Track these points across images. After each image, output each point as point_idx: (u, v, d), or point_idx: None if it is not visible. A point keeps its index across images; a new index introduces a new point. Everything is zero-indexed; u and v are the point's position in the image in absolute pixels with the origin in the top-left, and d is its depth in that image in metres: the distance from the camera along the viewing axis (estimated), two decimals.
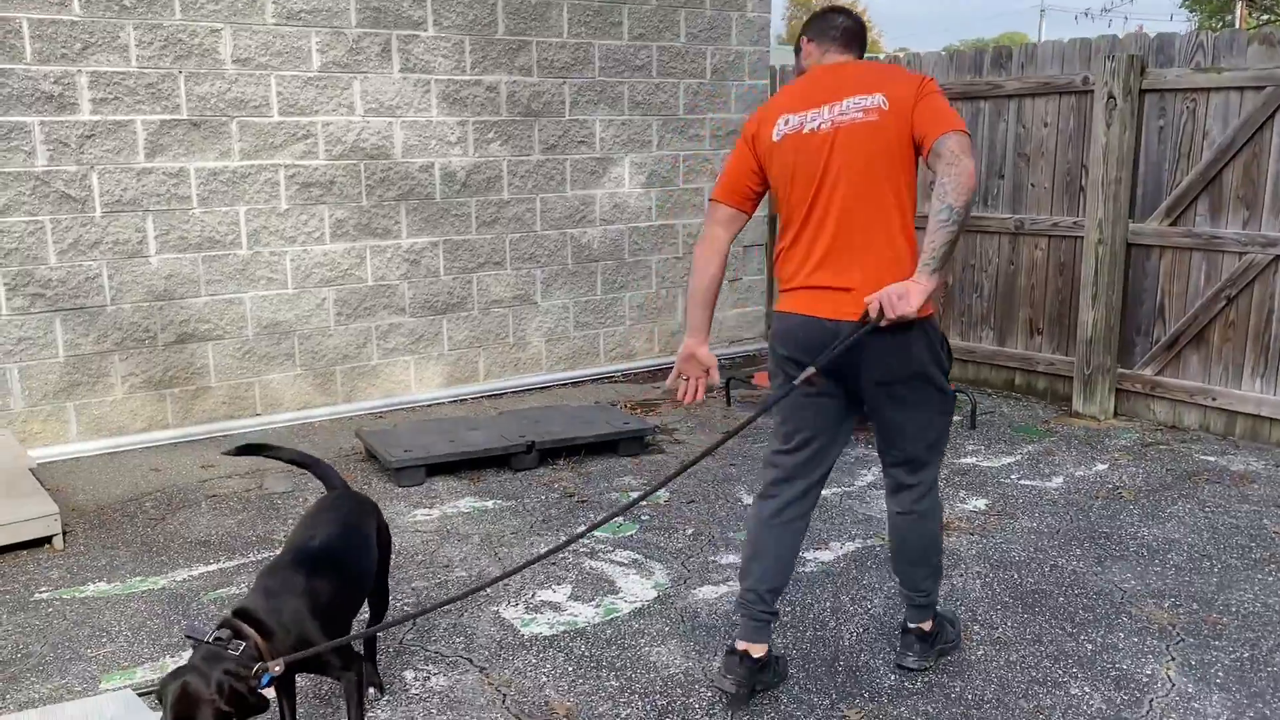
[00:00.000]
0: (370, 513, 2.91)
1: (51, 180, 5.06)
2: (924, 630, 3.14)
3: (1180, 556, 3.96)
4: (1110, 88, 5.56)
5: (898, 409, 2.90)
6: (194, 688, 2.19)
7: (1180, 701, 2.97)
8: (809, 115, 2.87)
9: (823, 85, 2.91)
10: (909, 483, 3.01)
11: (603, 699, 3.00)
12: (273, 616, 2.37)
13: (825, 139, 2.83)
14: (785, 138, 2.88)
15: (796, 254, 2.91)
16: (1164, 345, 5.66)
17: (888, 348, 2.78)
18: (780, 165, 2.90)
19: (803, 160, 2.85)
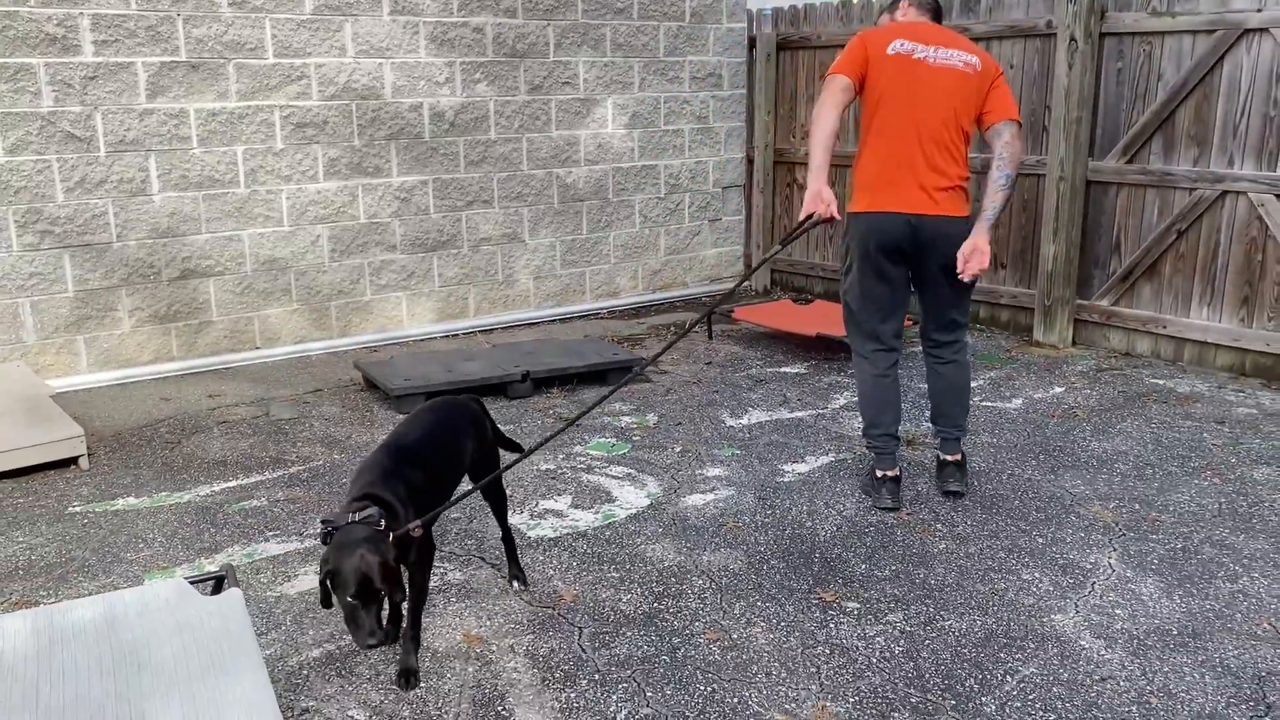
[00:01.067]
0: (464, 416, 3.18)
1: (57, 121, 5.24)
2: (959, 460, 4.06)
3: (1126, 466, 4.33)
4: (1072, 31, 5.84)
5: (950, 286, 3.80)
6: (369, 556, 2.48)
7: (1119, 584, 3.33)
8: (919, 47, 3.68)
9: (933, 33, 3.76)
10: (951, 340, 3.95)
11: (605, 587, 3.33)
12: (391, 495, 2.68)
13: (929, 69, 3.66)
14: (898, 55, 3.67)
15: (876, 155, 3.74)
16: (1119, 277, 6.00)
17: (952, 245, 3.69)
18: (884, 74, 3.67)
19: (905, 77, 3.66)
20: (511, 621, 3.13)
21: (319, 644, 3.01)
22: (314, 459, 4.49)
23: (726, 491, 4.09)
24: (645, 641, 3.01)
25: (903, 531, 3.72)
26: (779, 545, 3.63)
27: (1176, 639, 3.00)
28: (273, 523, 3.84)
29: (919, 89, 3.66)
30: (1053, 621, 3.10)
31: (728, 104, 7.75)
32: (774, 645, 2.99)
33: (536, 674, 2.85)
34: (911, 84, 3.65)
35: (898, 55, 3.67)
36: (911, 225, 3.69)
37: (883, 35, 3.75)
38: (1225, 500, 3.97)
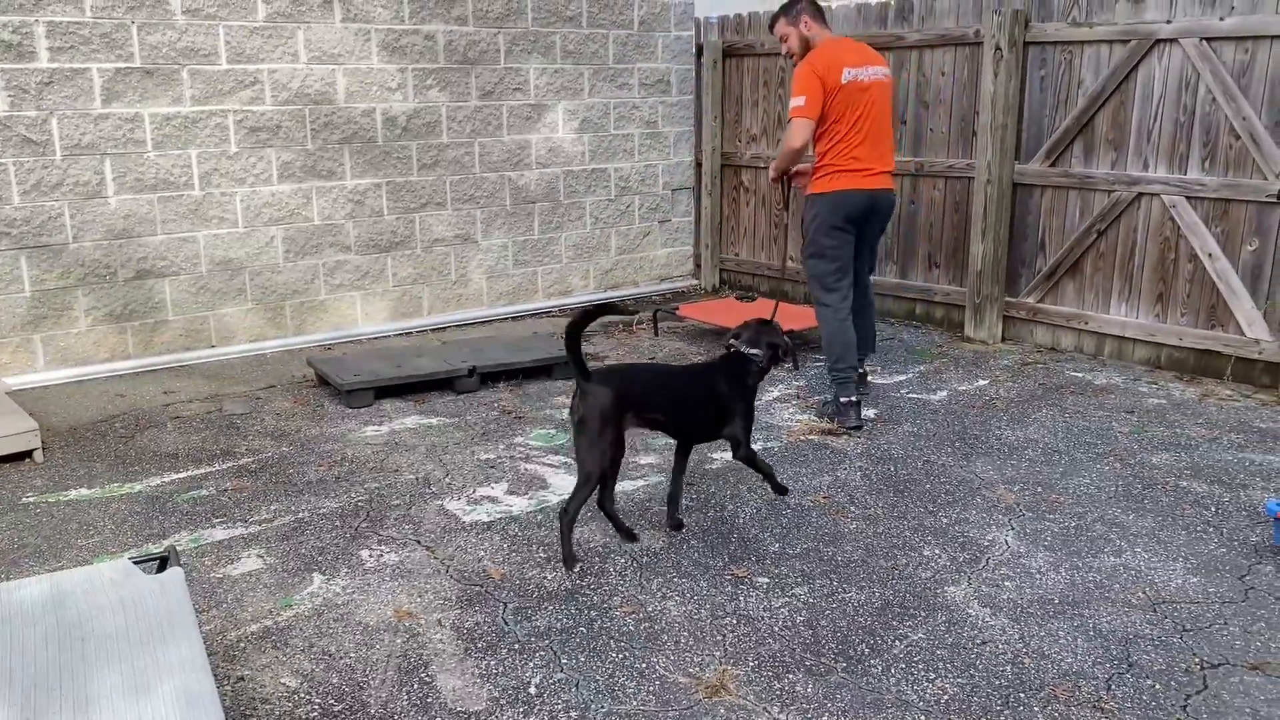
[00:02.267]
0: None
1: (13, 125, 5.38)
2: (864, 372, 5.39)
3: (1035, 452, 4.59)
4: (997, 40, 6.11)
5: (876, 239, 5.20)
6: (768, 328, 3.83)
7: (1012, 559, 3.58)
8: (859, 71, 4.79)
9: (855, 51, 4.89)
10: (870, 281, 5.30)
11: (532, 567, 3.53)
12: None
13: (867, 86, 4.82)
14: (850, 82, 4.77)
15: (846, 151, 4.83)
16: (1044, 275, 6.27)
17: (889, 211, 5.09)
18: (840, 100, 4.76)
19: (855, 99, 4.79)
20: (440, 598, 3.32)
21: (257, 620, 3.20)
22: (263, 451, 4.66)
23: (656, 478, 4.31)
24: (565, 615, 3.22)
25: (817, 513, 3.95)
26: (700, 526, 3.84)
27: (1057, 607, 3.24)
28: (219, 510, 4.02)
29: (865, 103, 4.82)
30: (945, 593, 3.33)
31: (676, 109, 7.98)
32: (685, 617, 3.20)
33: (460, 644, 3.05)
34: (860, 102, 4.81)
35: (849, 83, 4.77)
36: (872, 198, 4.92)
37: (830, 65, 4.76)
38: (1122, 483, 4.22)
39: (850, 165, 4.84)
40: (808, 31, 4.95)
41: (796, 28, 4.97)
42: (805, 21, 4.95)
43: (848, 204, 4.87)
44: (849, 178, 4.85)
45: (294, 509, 4.03)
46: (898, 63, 6.82)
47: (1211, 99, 5.45)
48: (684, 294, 8.10)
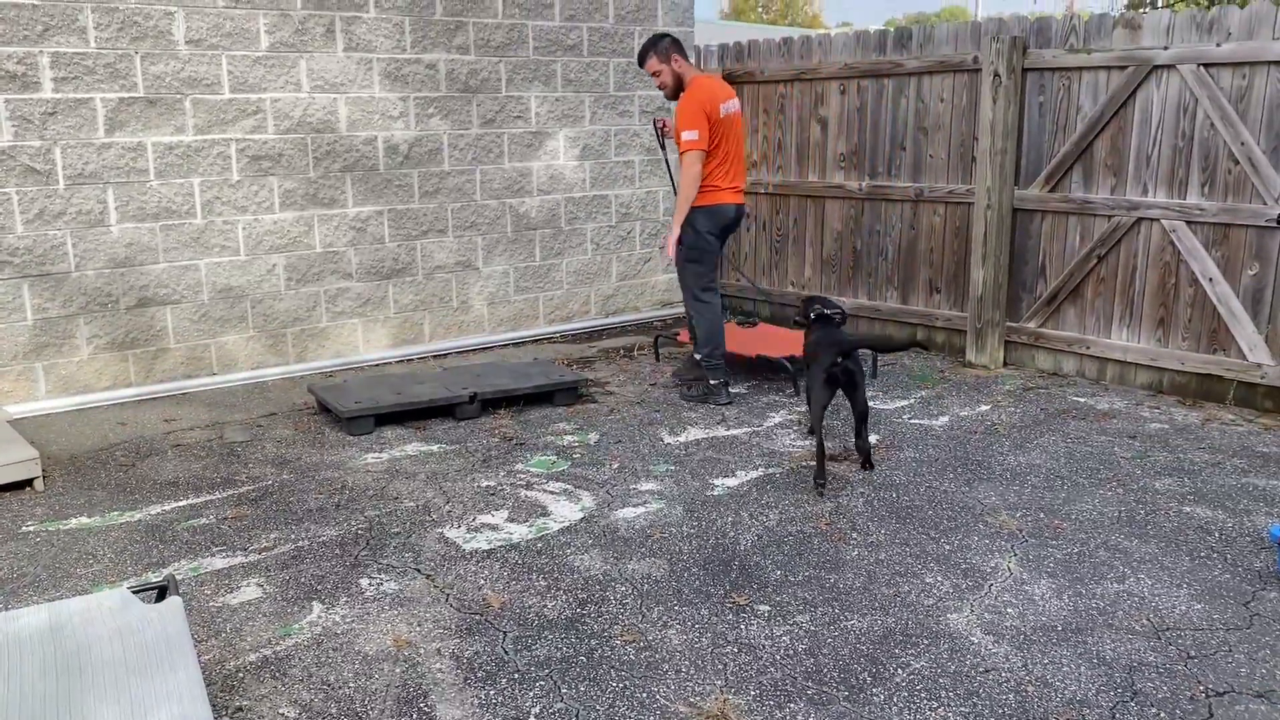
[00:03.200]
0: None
1: (17, 155, 5.41)
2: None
3: (1038, 478, 4.57)
4: (996, 66, 6.14)
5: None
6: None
7: (1014, 585, 3.56)
8: (725, 104, 5.52)
9: (720, 86, 5.64)
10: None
11: (532, 595, 3.52)
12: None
13: (734, 117, 5.60)
14: (727, 115, 5.52)
15: (723, 173, 5.55)
16: (1045, 300, 6.28)
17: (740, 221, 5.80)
18: (719, 130, 5.47)
19: (728, 129, 5.54)
20: (440, 627, 3.31)
21: (256, 649, 3.18)
22: (264, 479, 4.66)
23: (657, 505, 4.30)
24: (565, 644, 3.20)
25: (819, 540, 3.94)
26: (701, 554, 3.83)
27: (1060, 634, 3.22)
28: (219, 539, 4.01)
29: (733, 132, 5.59)
30: (948, 620, 3.31)
31: None
32: (686, 645, 3.18)
33: (459, 674, 3.03)
34: (731, 132, 5.57)
35: (727, 115, 5.52)
36: (738, 210, 5.69)
37: (711, 100, 5.44)
38: (1125, 509, 4.21)
39: (724, 184, 5.56)
40: (678, 68, 5.56)
41: (668, 65, 5.53)
42: (675, 59, 5.54)
43: (723, 216, 5.61)
44: (724, 194, 5.58)
45: (294, 537, 4.02)
46: (897, 89, 6.86)
47: (1210, 124, 5.47)
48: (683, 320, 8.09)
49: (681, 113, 5.44)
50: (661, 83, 5.59)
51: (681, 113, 5.44)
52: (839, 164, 7.31)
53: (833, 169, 7.37)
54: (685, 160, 5.44)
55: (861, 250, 7.26)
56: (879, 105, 6.99)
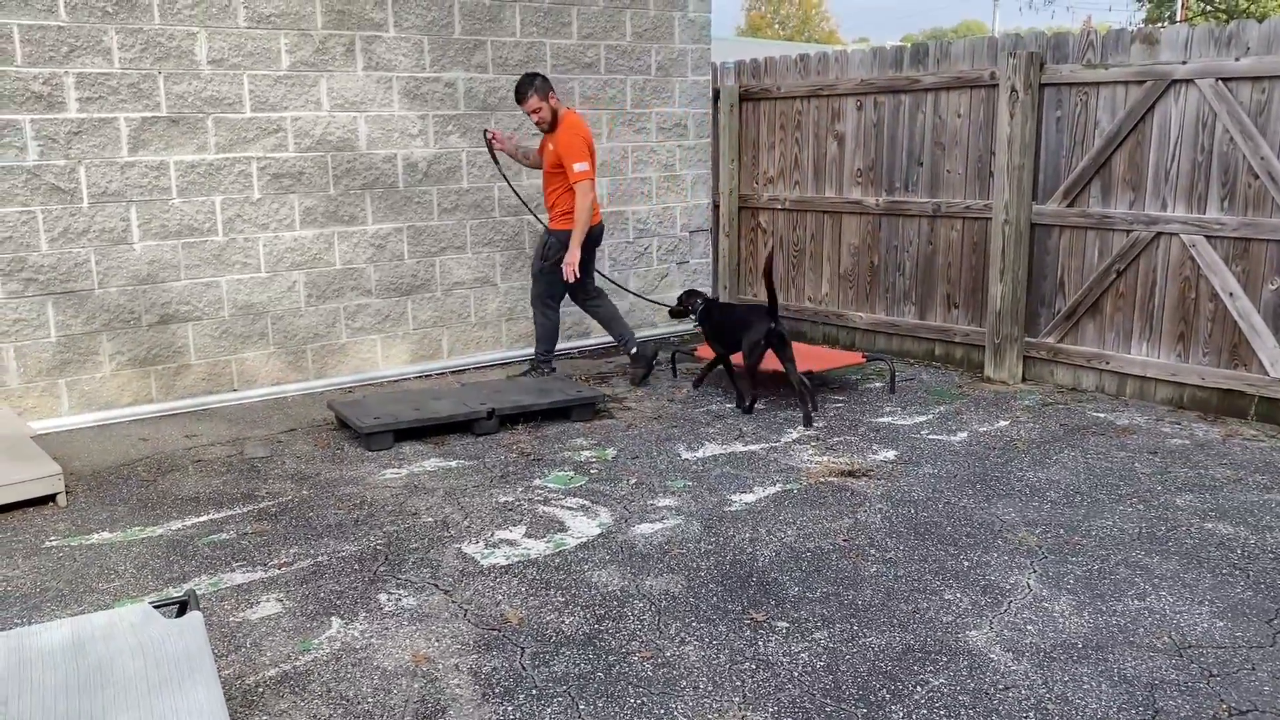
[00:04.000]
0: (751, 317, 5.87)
1: (42, 174, 5.48)
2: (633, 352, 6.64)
3: (1057, 494, 4.55)
4: (1013, 82, 6.15)
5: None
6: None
7: (1034, 602, 3.54)
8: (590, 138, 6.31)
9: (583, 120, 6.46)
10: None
11: (550, 610, 3.52)
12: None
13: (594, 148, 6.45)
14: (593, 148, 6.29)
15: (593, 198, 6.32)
16: (1064, 315, 6.25)
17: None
18: (594, 158, 6.23)
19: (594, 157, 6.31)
20: (459, 642, 3.32)
21: (275, 664, 3.20)
22: (283, 494, 4.68)
23: (675, 520, 4.30)
24: (583, 660, 3.20)
25: (837, 556, 3.93)
26: (719, 570, 3.83)
27: (1080, 652, 3.20)
28: (239, 554, 4.03)
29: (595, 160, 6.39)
30: (967, 637, 3.30)
31: (693, 152, 8.05)
32: (704, 662, 3.18)
33: (478, 690, 3.04)
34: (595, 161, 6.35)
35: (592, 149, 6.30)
36: (601, 228, 6.55)
37: (587, 133, 6.25)
38: (1146, 525, 4.18)
39: (591, 207, 6.23)
40: (554, 104, 6.16)
41: (546, 101, 6.10)
42: (551, 96, 6.12)
43: (594, 235, 6.39)
44: (594, 216, 6.32)
45: (313, 552, 4.04)
46: (914, 105, 6.87)
47: (1229, 138, 5.45)
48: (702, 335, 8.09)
49: (569, 146, 6.07)
50: (541, 118, 6.14)
51: (569, 146, 6.07)
52: (856, 180, 7.32)
53: (850, 184, 7.38)
54: (580, 189, 6.10)
55: (879, 266, 7.25)
56: (896, 121, 7.00)
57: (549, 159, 6.27)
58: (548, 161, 6.29)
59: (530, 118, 6.22)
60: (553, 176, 6.30)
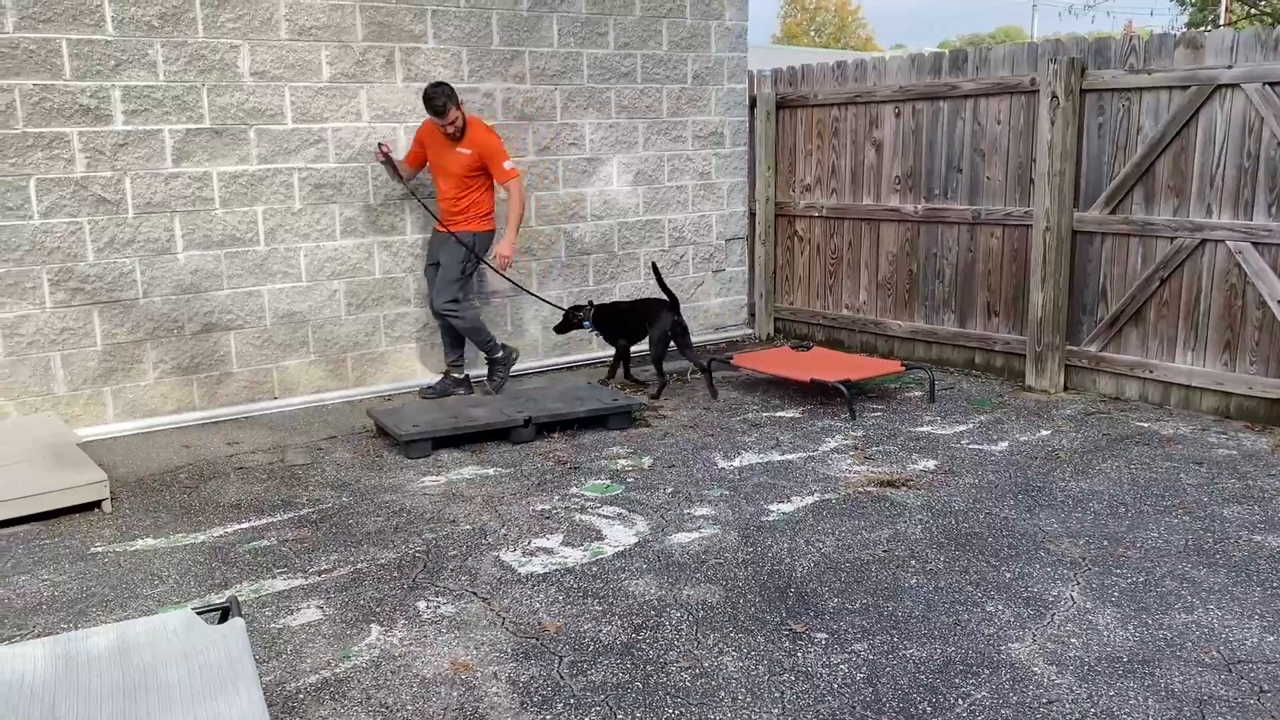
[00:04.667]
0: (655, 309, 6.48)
1: (89, 185, 5.58)
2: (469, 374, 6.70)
3: (1101, 505, 4.48)
4: (1054, 88, 6.08)
5: None
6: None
7: (1078, 615, 3.49)
8: None
9: None
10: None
11: (587, 619, 3.52)
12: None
13: None
14: None
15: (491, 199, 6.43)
16: (1106, 323, 6.17)
17: None
18: None
19: None
20: (497, 651, 3.32)
21: (315, 671, 3.22)
22: (323, 501, 4.72)
23: (712, 530, 4.28)
24: (621, 669, 3.19)
25: (877, 568, 3.90)
26: (757, 580, 3.81)
27: (1126, 666, 3.15)
28: (280, 561, 4.07)
29: None
30: (1009, 650, 3.26)
31: (729, 160, 8.04)
32: (742, 672, 3.16)
33: (516, 698, 3.04)
34: None
35: None
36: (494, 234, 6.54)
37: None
38: (1192, 537, 4.11)
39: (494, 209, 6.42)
40: (463, 111, 6.19)
41: (461, 110, 6.11)
42: (461, 104, 6.13)
43: (485, 242, 6.43)
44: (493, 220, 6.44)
45: (353, 559, 4.07)
46: (953, 111, 6.82)
47: (1276, 143, 5.36)
48: (738, 343, 8.10)
49: (494, 148, 6.16)
50: (457, 127, 6.07)
51: (494, 148, 6.16)
52: (894, 187, 7.27)
53: (888, 192, 7.34)
54: (516, 185, 6.21)
55: (918, 273, 7.20)
56: (934, 128, 6.95)
57: (461, 164, 6.16)
58: (458, 167, 6.17)
59: (447, 129, 6.06)
60: (465, 181, 6.22)
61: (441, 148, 6.20)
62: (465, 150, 6.14)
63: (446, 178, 6.25)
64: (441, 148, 6.20)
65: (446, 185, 6.28)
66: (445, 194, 6.30)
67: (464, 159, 6.16)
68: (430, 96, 5.98)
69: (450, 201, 6.29)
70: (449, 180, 6.25)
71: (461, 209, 6.29)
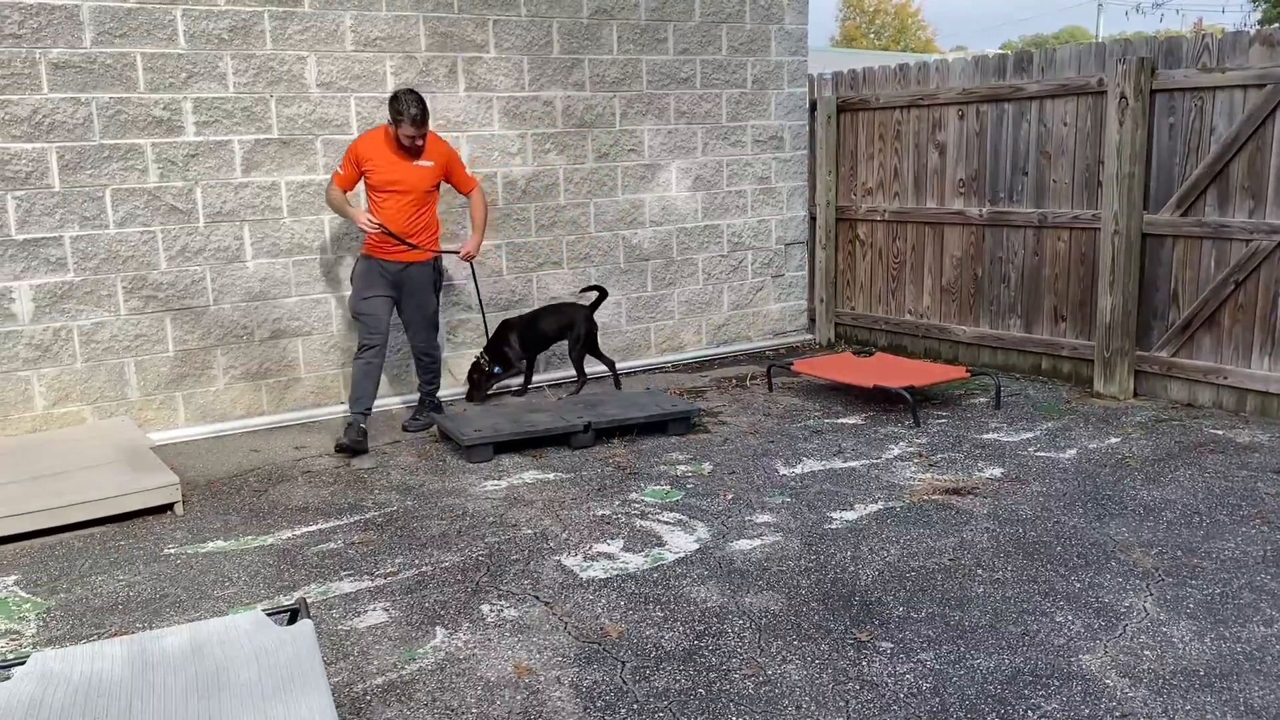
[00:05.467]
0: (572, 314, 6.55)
1: (162, 195, 5.72)
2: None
3: (1174, 514, 4.38)
4: (1123, 88, 5.96)
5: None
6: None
7: (1151, 626, 3.40)
8: None
9: None
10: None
11: (649, 625, 3.52)
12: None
13: None
14: None
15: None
16: (1178, 328, 6.03)
17: None
18: None
19: None
20: (560, 655, 3.34)
21: (382, 672, 3.26)
22: (389, 505, 4.78)
23: (773, 537, 4.26)
24: (684, 675, 3.19)
25: (943, 577, 3.84)
26: (820, 588, 3.78)
27: (1203, 679, 3.07)
28: (347, 563, 4.13)
29: None
30: (1080, 661, 3.19)
31: (789, 164, 8.00)
32: (807, 681, 3.14)
33: (579, 703, 3.05)
34: None
35: None
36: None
37: None
38: (1271, 548, 3.99)
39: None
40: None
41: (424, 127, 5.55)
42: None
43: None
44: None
45: (417, 562, 4.11)
46: (1018, 113, 6.72)
47: None
48: (798, 349, 8.05)
49: (456, 155, 5.84)
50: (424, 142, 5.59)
51: (456, 155, 5.84)
52: (958, 190, 7.18)
53: (951, 195, 7.24)
54: (480, 192, 5.93)
55: (982, 278, 7.10)
56: (999, 130, 6.85)
57: (423, 178, 5.63)
58: (420, 181, 5.62)
59: (417, 142, 5.50)
60: (425, 197, 5.69)
61: (395, 164, 5.56)
62: (426, 163, 5.62)
63: (402, 196, 5.59)
64: (395, 164, 5.56)
65: (401, 205, 5.60)
66: (399, 215, 5.60)
67: (426, 172, 5.63)
68: (414, 102, 5.40)
69: (407, 222, 5.63)
70: (405, 199, 5.60)
71: (419, 229, 5.70)
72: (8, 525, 4.40)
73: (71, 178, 5.48)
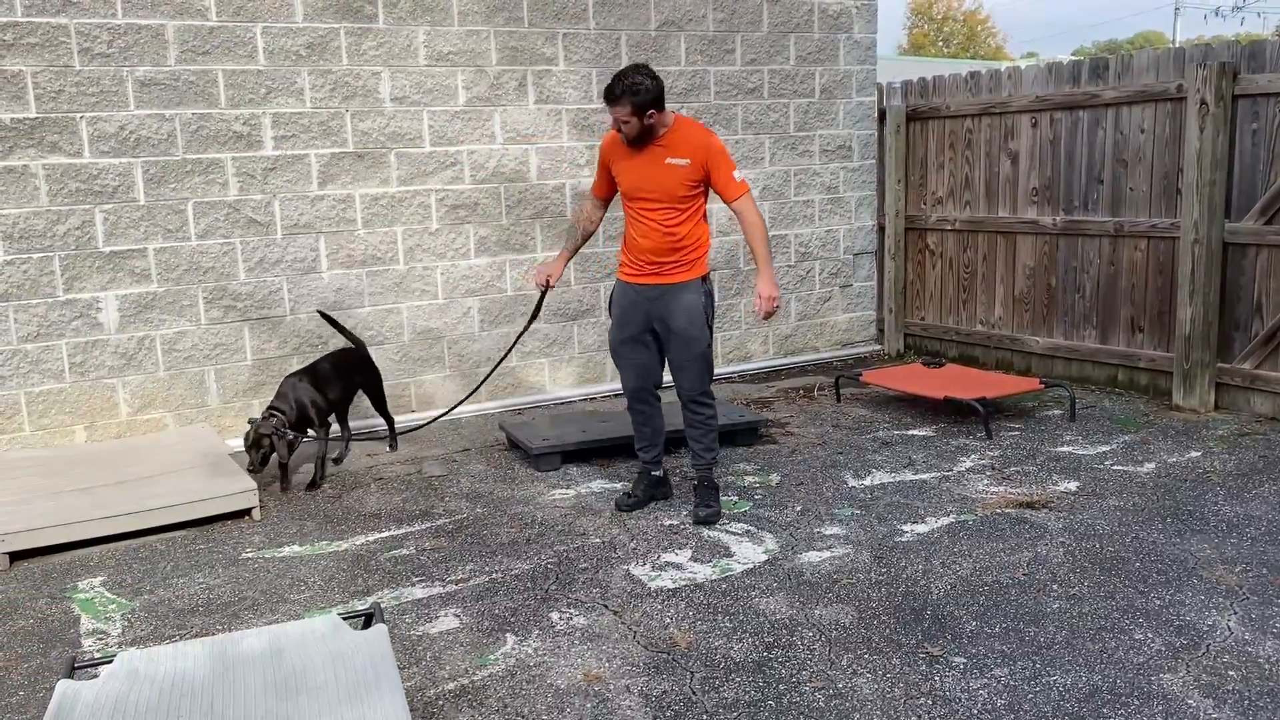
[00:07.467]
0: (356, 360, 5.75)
1: (241, 208, 5.88)
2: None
3: (1258, 530, 4.25)
4: (1203, 94, 5.82)
5: None
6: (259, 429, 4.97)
7: (1235, 646, 3.31)
8: None
9: None
10: None
11: (718, 636, 3.52)
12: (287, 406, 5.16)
13: None
14: None
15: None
16: (1262, 339, 5.86)
17: None
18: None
19: None
20: (629, 664, 3.35)
21: (454, 678, 3.31)
22: (459, 512, 4.85)
23: (843, 549, 4.23)
24: (753, 687, 3.18)
25: (1017, 591, 3.78)
26: (891, 602, 3.74)
27: None
28: (419, 569, 4.19)
29: None
30: (1161, 680, 3.11)
31: (858, 174, 7.95)
32: (878, 695, 3.11)
33: (649, 712, 3.06)
34: None
35: None
36: None
37: None
38: None
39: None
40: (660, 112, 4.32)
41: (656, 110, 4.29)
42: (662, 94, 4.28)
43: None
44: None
45: (487, 569, 4.16)
46: (1093, 121, 6.59)
47: None
48: (866, 360, 7.98)
49: (720, 150, 4.35)
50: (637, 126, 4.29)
51: (720, 150, 4.35)
52: (1031, 199, 7.07)
53: (1024, 204, 7.13)
54: (750, 203, 4.43)
55: (1056, 288, 6.97)
56: (1073, 138, 6.73)
57: (675, 180, 4.35)
58: (672, 184, 4.35)
59: (622, 127, 4.31)
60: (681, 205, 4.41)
61: (637, 163, 4.38)
62: (679, 160, 4.30)
63: (652, 204, 4.38)
64: (637, 163, 4.38)
65: (652, 217, 4.39)
66: (652, 229, 4.40)
67: (678, 172, 4.31)
68: (617, 76, 4.23)
69: (661, 237, 4.39)
70: (656, 208, 4.37)
71: (680, 247, 4.43)
72: (99, 527, 4.55)
73: (155, 191, 5.66)
